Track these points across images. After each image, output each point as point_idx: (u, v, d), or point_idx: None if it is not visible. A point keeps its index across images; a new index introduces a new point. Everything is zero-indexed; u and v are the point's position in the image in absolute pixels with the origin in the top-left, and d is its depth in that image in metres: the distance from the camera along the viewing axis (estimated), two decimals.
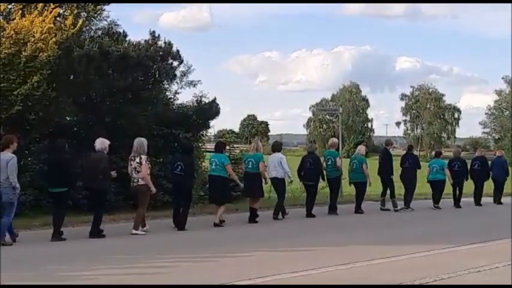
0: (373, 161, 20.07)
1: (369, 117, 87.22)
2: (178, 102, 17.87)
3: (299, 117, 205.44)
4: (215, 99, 17.64)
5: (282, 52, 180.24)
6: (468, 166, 18.60)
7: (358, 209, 16.08)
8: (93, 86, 15.47)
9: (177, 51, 17.02)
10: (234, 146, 21.03)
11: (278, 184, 14.61)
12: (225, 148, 15.09)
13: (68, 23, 14.89)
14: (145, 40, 16.83)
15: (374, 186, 16.80)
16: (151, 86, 16.60)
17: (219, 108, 17.83)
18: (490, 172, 18.96)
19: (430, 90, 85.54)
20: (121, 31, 17.27)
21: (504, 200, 19.06)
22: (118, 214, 13.90)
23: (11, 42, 13.95)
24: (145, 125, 15.62)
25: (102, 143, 11.73)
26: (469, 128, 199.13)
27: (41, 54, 13.94)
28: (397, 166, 17.17)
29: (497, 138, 70.89)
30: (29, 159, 14.55)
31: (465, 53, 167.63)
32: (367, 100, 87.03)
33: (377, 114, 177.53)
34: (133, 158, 12.05)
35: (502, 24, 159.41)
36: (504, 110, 71.08)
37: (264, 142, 50.91)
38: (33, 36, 14.00)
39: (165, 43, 16.94)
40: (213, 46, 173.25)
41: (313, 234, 12.52)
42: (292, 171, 15.00)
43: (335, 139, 17.35)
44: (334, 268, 8.63)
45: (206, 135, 19.28)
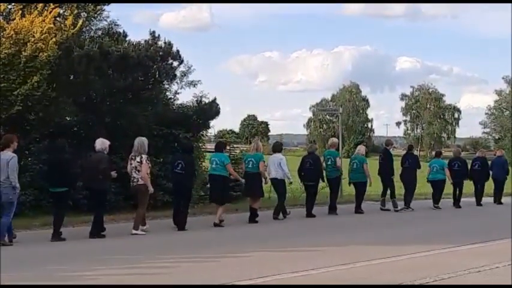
0: (373, 161, 20.06)
1: (369, 117, 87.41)
2: (178, 102, 17.92)
3: (299, 117, 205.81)
4: (215, 99, 17.69)
5: (282, 52, 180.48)
6: (468, 166, 18.61)
7: (358, 209, 16.07)
8: (93, 86, 15.47)
9: (177, 51, 17.04)
10: (234, 146, 21.04)
11: (278, 185, 14.62)
12: (226, 148, 15.10)
13: (68, 23, 14.90)
14: (145, 40, 16.84)
15: (374, 186, 16.79)
16: (151, 86, 16.59)
17: (219, 108, 17.88)
18: (490, 172, 18.97)
19: (430, 90, 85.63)
20: (121, 31, 17.31)
21: (504, 200, 19.05)
22: (118, 214, 13.90)
23: (11, 42, 13.96)
24: (145, 125, 15.61)
25: (102, 144, 11.73)
26: (469, 128, 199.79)
27: (41, 54, 13.94)
28: (398, 166, 17.16)
29: (497, 138, 70.90)
30: (29, 159, 14.55)
31: (465, 53, 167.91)
32: (367, 100, 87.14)
33: (377, 114, 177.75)
34: (133, 157, 12.05)
35: (502, 24, 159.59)
36: (504, 110, 71.12)
37: (264, 142, 50.91)
38: (33, 36, 14.00)
39: (165, 43, 16.95)
40: (213, 46, 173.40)
41: (313, 234, 12.52)
42: (292, 171, 15.00)
43: (335, 139, 17.33)
44: (334, 268, 8.63)
45: (206, 135, 19.28)
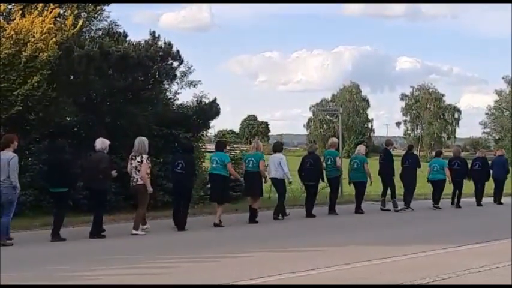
0: (373, 161, 20.05)
1: (369, 117, 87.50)
2: (178, 102, 17.90)
3: (299, 117, 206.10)
4: (215, 99, 17.67)
5: (282, 52, 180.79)
6: (468, 165, 18.60)
7: (358, 209, 16.06)
8: (93, 86, 15.46)
9: (177, 51, 17.03)
10: (234, 146, 21.02)
11: (278, 184, 14.63)
12: (226, 147, 15.09)
13: (68, 23, 14.89)
14: (145, 40, 16.83)
15: (374, 186, 16.79)
16: (151, 86, 16.58)
17: (219, 108, 17.87)
18: (491, 171, 18.96)
19: (430, 90, 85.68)
20: (121, 31, 17.29)
21: (504, 200, 19.05)
22: (118, 214, 13.88)
23: (11, 42, 13.94)
24: (145, 125, 15.60)
25: (102, 143, 11.72)
26: (469, 128, 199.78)
27: (41, 54, 13.93)
28: (398, 166, 17.16)
29: (497, 138, 70.96)
30: (29, 159, 14.53)
31: (465, 53, 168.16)
32: (367, 100, 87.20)
33: (377, 114, 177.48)
34: (133, 157, 12.04)
35: (502, 24, 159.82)
36: (504, 110, 71.17)
37: (264, 142, 50.96)
38: (33, 36, 13.99)
39: (165, 43, 16.94)
40: (213, 46, 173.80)
41: (313, 234, 12.51)
42: (292, 171, 14.99)
43: (335, 139, 17.30)
44: (334, 268, 8.63)
45: (206, 135, 19.27)
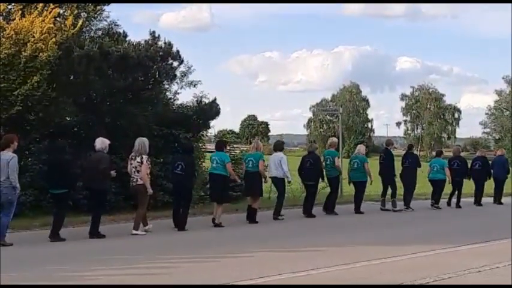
0: (373, 161, 20.04)
1: (369, 117, 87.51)
2: (178, 102, 17.88)
3: (299, 117, 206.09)
4: (215, 99, 17.65)
5: (282, 52, 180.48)
6: (468, 165, 18.60)
7: (358, 209, 16.06)
8: (93, 86, 15.44)
9: (177, 51, 17.01)
10: (234, 146, 21.02)
11: (278, 183, 14.65)
12: (226, 147, 15.08)
13: (68, 23, 14.88)
14: (145, 40, 16.81)
15: (374, 186, 16.78)
16: (151, 86, 16.57)
17: (219, 108, 17.85)
18: (491, 171, 18.95)
19: (430, 90, 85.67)
20: (121, 31, 17.26)
21: (504, 200, 19.04)
22: (118, 214, 13.88)
23: (11, 42, 13.93)
24: (145, 125, 15.60)
25: (102, 143, 11.72)
26: (469, 128, 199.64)
27: (41, 54, 13.93)
28: (398, 166, 17.15)
29: (497, 138, 70.94)
30: (29, 159, 14.52)
31: (465, 53, 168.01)
32: (367, 100, 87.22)
33: (377, 114, 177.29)
34: (133, 157, 12.04)
35: (502, 24, 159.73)
36: (504, 110, 71.16)
37: (264, 142, 50.90)
38: (33, 36, 13.98)
39: (165, 43, 16.92)
40: (213, 46, 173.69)
41: (313, 234, 12.51)
42: (292, 171, 14.99)
43: (334, 138, 17.25)
44: (334, 268, 8.63)
45: (206, 135, 19.26)
